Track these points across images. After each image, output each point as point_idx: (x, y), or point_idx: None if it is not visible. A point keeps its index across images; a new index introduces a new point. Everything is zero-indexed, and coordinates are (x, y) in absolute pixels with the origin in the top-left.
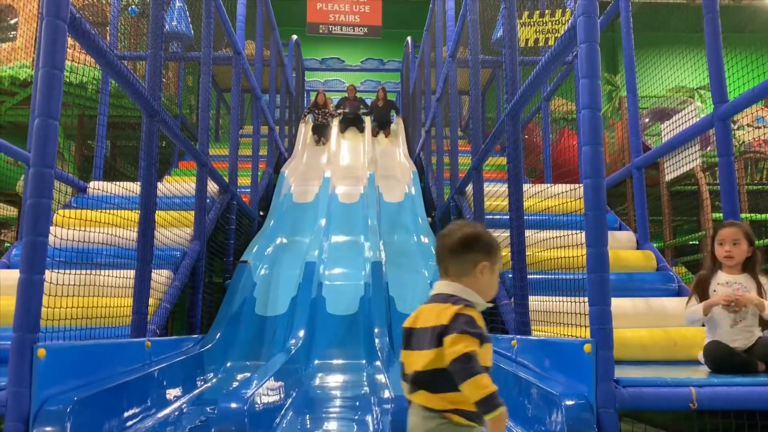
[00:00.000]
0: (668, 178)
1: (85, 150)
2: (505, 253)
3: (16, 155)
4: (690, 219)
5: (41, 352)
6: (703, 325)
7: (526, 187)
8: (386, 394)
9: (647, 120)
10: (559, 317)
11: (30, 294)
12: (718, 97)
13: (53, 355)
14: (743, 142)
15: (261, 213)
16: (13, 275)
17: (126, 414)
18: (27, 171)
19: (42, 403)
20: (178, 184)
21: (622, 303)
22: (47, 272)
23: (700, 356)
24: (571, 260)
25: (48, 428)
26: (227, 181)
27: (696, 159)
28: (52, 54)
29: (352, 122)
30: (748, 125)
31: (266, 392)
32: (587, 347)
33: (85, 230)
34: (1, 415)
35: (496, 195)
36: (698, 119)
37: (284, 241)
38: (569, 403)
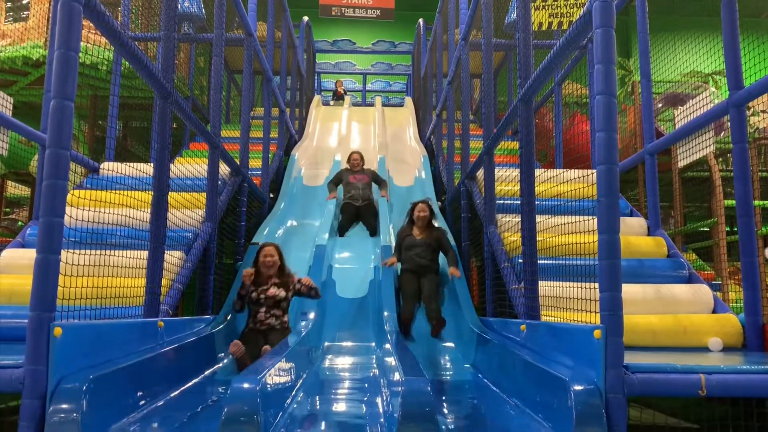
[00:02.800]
0: (681, 164)
1: (98, 131)
2: (516, 238)
3: (30, 136)
4: (701, 205)
5: (58, 331)
6: None
7: (537, 172)
8: (396, 376)
9: (660, 105)
10: (569, 303)
11: (46, 274)
12: (734, 84)
13: (69, 334)
14: (757, 128)
15: (272, 195)
16: (29, 254)
17: (139, 393)
18: (41, 151)
19: (59, 381)
20: (190, 165)
21: (633, 289)
22: (62, 252)
23: (710, 343)
24: (582, 246)
25: (65, 405)
26: (238, 163)
27: (710, 146)
28: (68, 36)
29: (360, 214)
30: (763, 111)
31: (278, 373)
32: (597, 333)
33: (98, 211)
34: (18, 392)
35: (507, 180)
36: (713, 105)
37: (294, 223)
38: (578, 388)
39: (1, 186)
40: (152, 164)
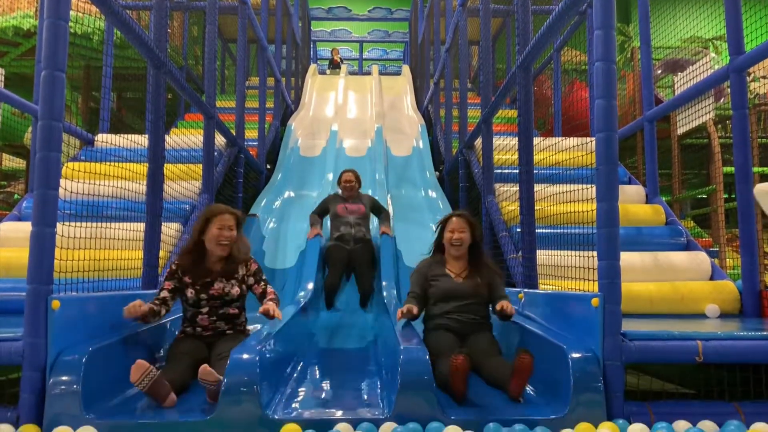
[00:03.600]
0: (680, 131)
1: (91, 102)
2: (514, 207)
3: (22, 107)
4: (699, 173)
5: (55, 304)
6: None
7: (536, 140)
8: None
9: (659, 72)
10: (566, 271)
11: (42, 246)
12: (735, 49)
13: (67, 307)
14: (757, 94)
15: (268, 166)
16: (25, 227)
17: None
18: (34, 123)
19: (58, 353)
20: (185, 136)
21: (630, 257)
22: (58, 225)
23: (707, 310)
24: (581, 215)
25: (65, 377)
26: (234, 134)
27: (709, 112)
28: (57, 4)
29: (352, 262)
30: (763, 77)
31: (277, 343)
32: (595, 301)
33: (93, 183)
34: (18, 365)
35: (505, 149)
36: (713, 71)
37: (292, 195)
38: (576, 356)
39: None
40: (147, 136)
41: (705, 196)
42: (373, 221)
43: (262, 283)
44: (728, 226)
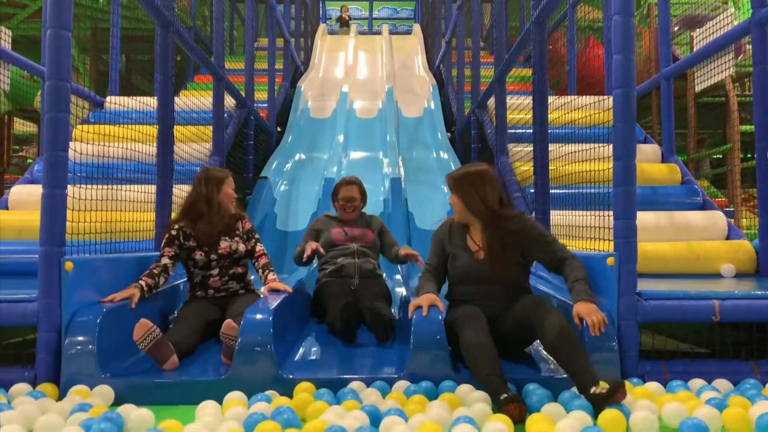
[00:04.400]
0: (698, 88)
1: (100, 65)
2: (527, 167)
3: (31, 69)
4: (715, 132)
5: (68, 266)
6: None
7: (550, 99)
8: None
9: (676, 28)
10: (580, 231)
11: (54, 208)
12: (757, 1)
13: (80, 268)
14: None
15: (279, 129)
16: (37, 190)
17: None
18: (43, 86)
19: (73, 314)
20: (195, 98)
21: (646, 217)
22: (70, 187)
23: (723, 269)
24: (595, 174)
25: (80, 338)
26: (244, 95)
27: (729, 68)
28: None
29: (360, 305)
30: None
31: (290, 304)
32: (610, 261)
33: (104, 145)
34: (34, 326)
35: (519, 108)
36: (732, 27)
37: (302, 157)
38: None
39: (7, 123)
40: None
41: (720, 156)
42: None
43: (253, 241)
44: (743, 186)
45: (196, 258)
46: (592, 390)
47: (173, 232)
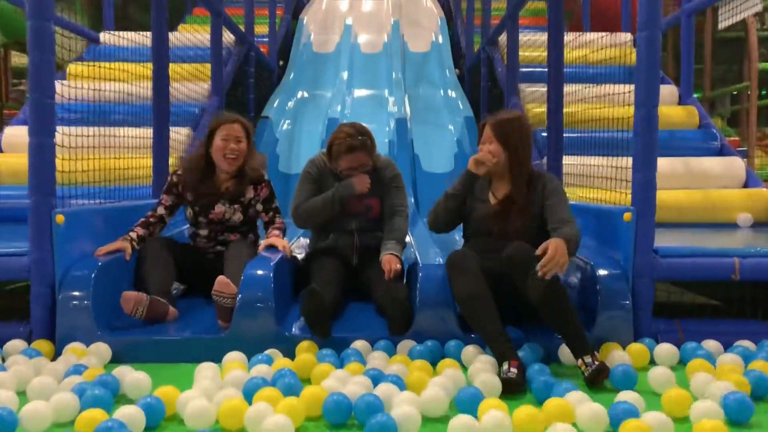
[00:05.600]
0: (722, 25)
1: None
2: (540, 109)
3: (17, 2)
4: (731, 68)
5: (59, 218)
6: None
7: (568, 38)
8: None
9: None
10: (595, 178)
11: (42, 158)
12: None
13: (72, 221)
14: None
15: (281, 62)
16: None
17: None
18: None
19: (66, 268)
20: (193, 35)
21: (661, 163)
22: (62, 129)
23: (739, 219)
24: (612, 118)
25: (75, 293)
26: (243, 30)
27: (757, 4)
28: None
29: (361, 274)
30: None
31: (292, 260)
32: (627, 216)
33: (97, 89)
34: (27, 280)
35: (533, 45)
36: None
37: (305, 95)
38: (603, 273)
39: (3, 56)
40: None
41: (735, 93)
42: None
43: (271, 212)
44: (759, 124)
45: (187, 213)
46: (579, 363)
47: (174, 179)
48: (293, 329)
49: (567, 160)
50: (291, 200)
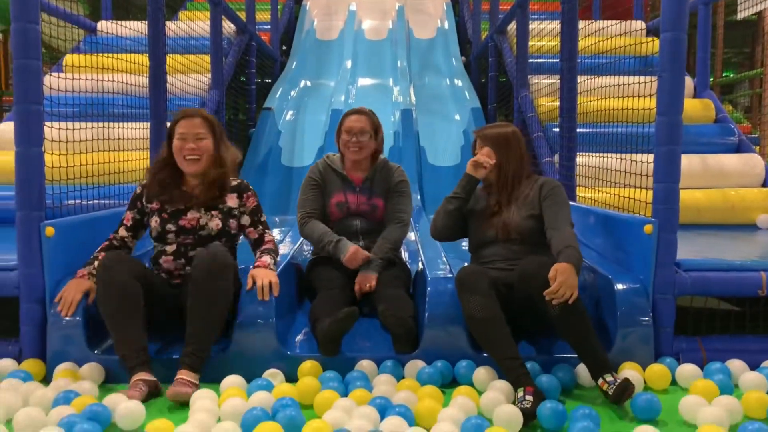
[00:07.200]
0: (740, 16)
1: None
2: (551, 104)
3: None
4: (741, 51)
5: (49, 231)
6: None
7: (581, 24)
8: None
9: None
10: (610, 175)
11: (29, 168)
12: None
13: (62, 232)
14: None
15: (284, 47)
16: None
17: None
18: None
19: (57, 283)
20: (193, 23)
21: None
22: (55, 125)
23: (759, 220)
24: (630, 112)
25: None
26: (245, 19)
27: None
28: None
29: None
30: None
31: (294, 274)
32: (648, 228)
33: (96, 78)
34: (16, 296)
35: (542, 34)
36: None
37: (308, 84)
38: (621, 287)
39: (3, 43)
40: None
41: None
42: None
43: (260, 227)
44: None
45: (151, 225)
46: (600, 382)
47: (138, 190)
48: (296, 348)
49: (580, 157)
50: (295, 202)
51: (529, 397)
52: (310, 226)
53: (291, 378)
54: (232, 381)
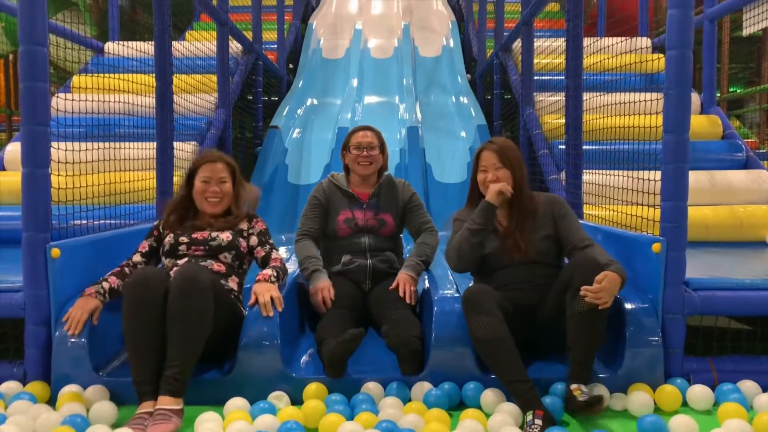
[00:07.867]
0: (746, 32)
1: (102, 3)
2: (557, 120)
3: (9, 10)
4: (748, 66)
5: (55, 252)
6: None
7: (586, 42)
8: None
9: None
10: (619, 195)
11: (36, 190)
12: None
13: (68, 253)
14: None
15: (290, 65)
16: None
17: None
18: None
19: (62, 304)
20: (200, 43)
21: None
22: (66, 145)
23: None
24: (636, 129)
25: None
26: (251, 39)
27: None
28: None
29: (372, 306)
30: None
31: (298, 294)
32: (656, 247)
33: (103, 100)
34: (21, 318)
35: (546, 51)
36: None
37: (315, 102)
38: (630, 306)
39: (12, 62)
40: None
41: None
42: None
43: (267, 246)
44: None
45: (165, 243)
46: (574, 387)
47: (157, 223)
48: (301, 369)
49: (586, 174)
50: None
51: (539, 421)
52: (301, 245)
53: (296, 400)
54: (237, 404)
